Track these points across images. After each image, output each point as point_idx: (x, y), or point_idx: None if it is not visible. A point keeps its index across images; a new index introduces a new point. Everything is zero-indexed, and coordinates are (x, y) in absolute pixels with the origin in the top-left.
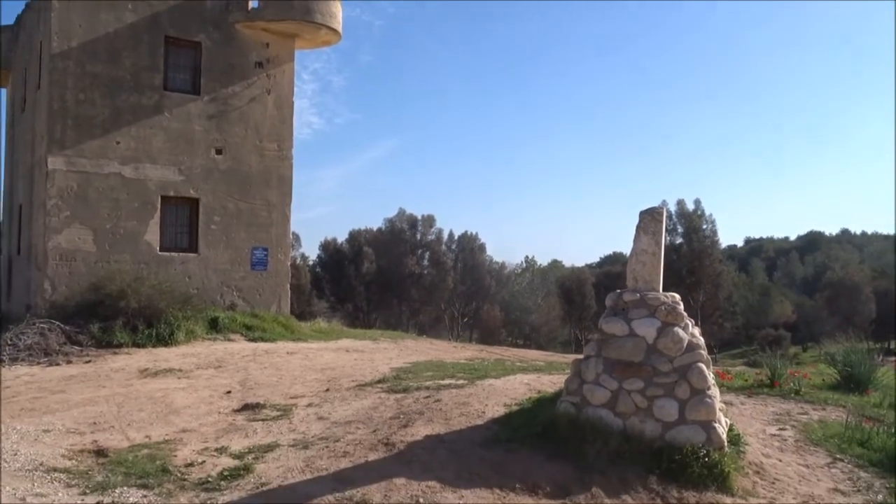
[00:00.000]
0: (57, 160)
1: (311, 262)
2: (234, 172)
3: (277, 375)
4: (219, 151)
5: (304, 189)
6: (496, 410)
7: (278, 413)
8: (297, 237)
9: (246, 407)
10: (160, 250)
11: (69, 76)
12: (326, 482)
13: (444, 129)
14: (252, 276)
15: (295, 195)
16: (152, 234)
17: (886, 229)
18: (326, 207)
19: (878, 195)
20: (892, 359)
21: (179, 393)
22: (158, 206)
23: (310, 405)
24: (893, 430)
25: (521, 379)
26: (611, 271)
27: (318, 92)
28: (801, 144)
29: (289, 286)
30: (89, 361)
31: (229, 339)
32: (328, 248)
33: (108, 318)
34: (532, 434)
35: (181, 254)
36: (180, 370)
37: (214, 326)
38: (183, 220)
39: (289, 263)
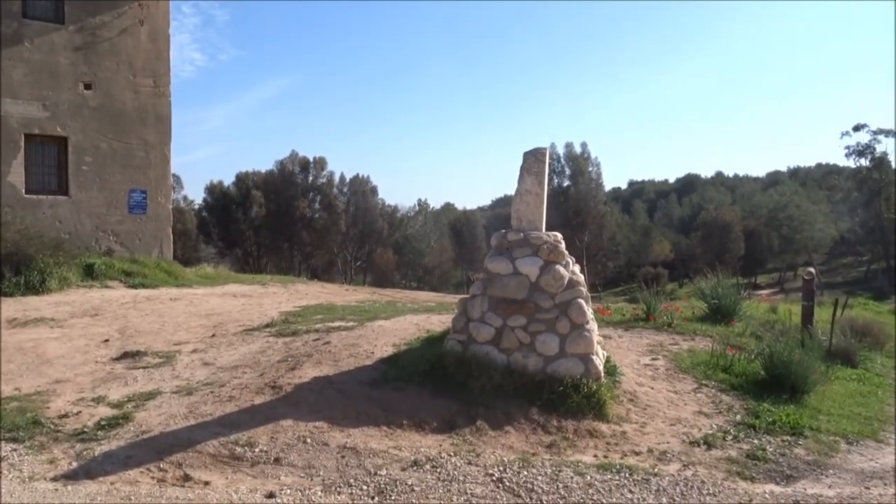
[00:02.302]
0: None
1: (196, 206)
2: (106, 109)
3: (160, 322)
4: (88, 86)
5: (187, 129)
6: (385, 350)
7: (160, 360)
8: (178, 179)
9: (125, 355)
10: (26, 193)
11: None
12: (211, 427)
13: (335, 68)
14: (130, 220)
15: (176, 135)
16: (16, 176)
17: (756, 172)
18: (212, 149)
19: (749, 140)
20: (759, 293)
21: (52, 343)
22: (22, 144)
23: (194, 351)
24: (753, 357)
25: (411, 319)
26: (501, 213)
27: (200, 26)
28: (681, 91)
29: (171, 231)
30: None
31: (107, 287)
32: (214, 191)
33: None
34: (419, 372)
35: (50, 196)
36: (53, 319)
37: (90, 273)
38: (51, 161)
39: (170, 207)
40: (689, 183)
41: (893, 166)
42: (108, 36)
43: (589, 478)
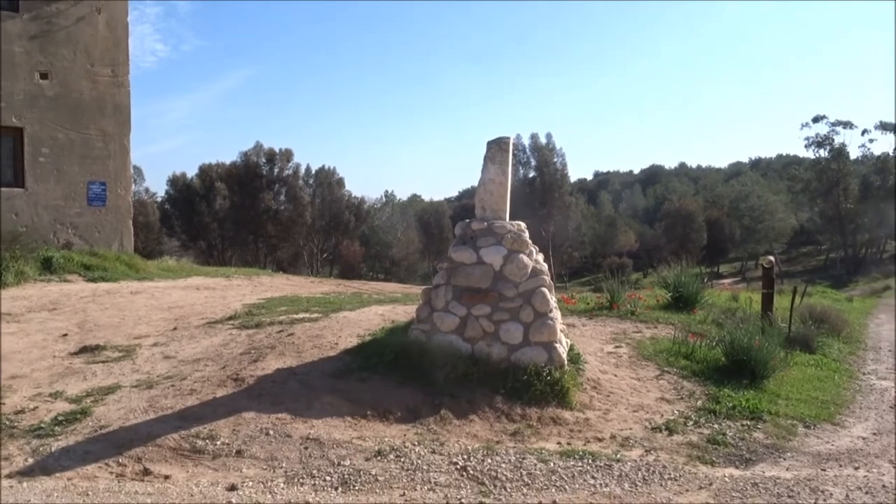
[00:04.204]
0: None
1: (159, 199)
2: (64, 99)
3: (120, 316)
4: (44, 76)
5: (149, 121)
6: (349, 341)
7: (120, 354)
8: (139, 171)
9: (84, 349)
10: None
11: None
12: (171, 421)
13: (299, 59)
14: (89, 212)
15: (139, 127)
16: None
17: (718, 163)
18: (175, 141)
19: (711, 131)
20: (721, 281)
21: (8, 338)
22: None
23: (155, 345)
24: (714, 344)
25: (376, 310)
26: (468, 204)
27: (162, 16)
28: (645, 83)
29: (132, 223)
30: None
31: (66, 280)
32: (177, 183)
33: None
34: (384, 362)
35: (6, 189)
36: (9, 314)
37: (48, 267)
38: (6, 152)
39: (131, 199)
40: (654, 174)
41: (851, 157)
42: (64, 24)
43: (552, 464)
